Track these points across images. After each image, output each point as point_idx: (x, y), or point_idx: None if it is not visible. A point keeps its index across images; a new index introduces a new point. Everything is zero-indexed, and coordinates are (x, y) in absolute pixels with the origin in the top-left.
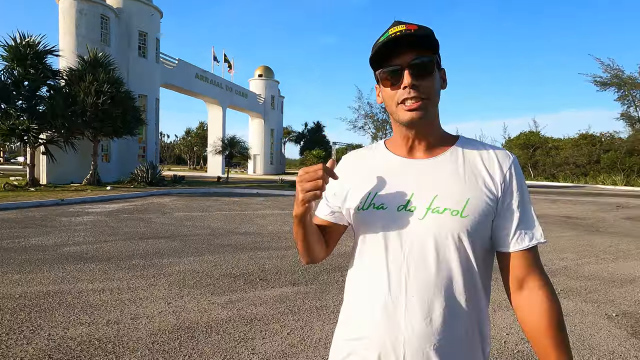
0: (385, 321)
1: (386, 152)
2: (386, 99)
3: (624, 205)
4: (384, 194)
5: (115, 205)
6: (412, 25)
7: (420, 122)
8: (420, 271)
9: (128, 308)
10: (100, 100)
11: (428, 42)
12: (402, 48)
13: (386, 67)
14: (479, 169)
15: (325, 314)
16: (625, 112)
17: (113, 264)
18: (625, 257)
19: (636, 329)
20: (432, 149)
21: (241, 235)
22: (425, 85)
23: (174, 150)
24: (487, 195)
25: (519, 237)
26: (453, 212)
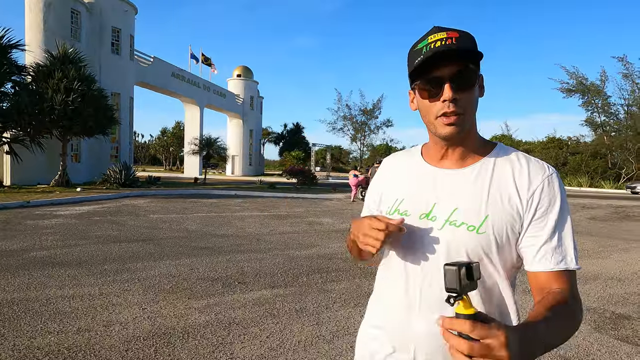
0: (401, 319)
1: (419, 159)
2: (423, 109)
3: (588, 206)
4: (409, 201)
5: (86, 207)
6: (453, 33)
7: (457, 136)
8: (435, 278)
9: (100, 315)
10: (70, 98)
11: (470, 54)
12: (443, 60)
13: (426, 79)
14: (507, 183)
15: (304, 317)
16: (589, 118)
17: (84, 269)
18: (589, 256)
19: (599, 324)
20: (464, 158)
21: (219, 237)
22: (465, 99)
23: (149, 151)
24: (510, 214)
25: (544, 257)
26: (470, 227)
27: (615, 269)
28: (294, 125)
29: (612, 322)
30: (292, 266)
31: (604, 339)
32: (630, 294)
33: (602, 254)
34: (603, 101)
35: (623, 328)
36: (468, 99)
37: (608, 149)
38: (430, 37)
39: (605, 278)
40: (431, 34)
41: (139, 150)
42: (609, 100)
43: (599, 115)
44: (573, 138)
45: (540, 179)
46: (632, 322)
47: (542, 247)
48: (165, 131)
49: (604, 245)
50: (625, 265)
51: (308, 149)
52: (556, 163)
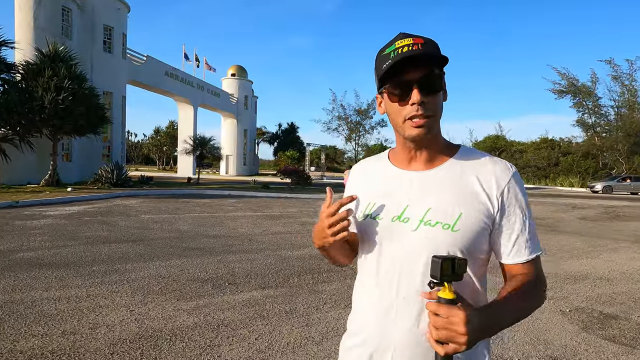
0: (378, 324)
1: (387, 163)
2: (392, 113)
3: (579, 205)
4: (380, 205)
5: (76, 207)
6: (418, 39)
7: (425, 138)
8: (411, 279)
9: (86, 317)
10: (60, 97)
11: (436, 59)
12: (410, 65)
13: (394, 83)
14: (475, 182)
15: (294, 318)
16: (580, 119)
17: (72, 270)
18: (579, 255)
19: (587, 324)
20: (432, 160)
21: (211, 238)
22: (432, 102)
23: (142, 150)
24: (481, 211)
25: (518, 251)
26: (445, 225)
27: (604, 269)
28: (289, 125)
29: (599, 322)
30: (283, 267)
31: (592, 338)
32: (618, 293)
33: (592, 254)
34: (594, 102)
35: (610, 328)
36: (435, 102)
37: (599, 150)
38: (397, 43)
39: (594, 278)
40: (397, 39)
41: (132, 150)
42: (599, 101)
43: (589, 117)
44: (565, 139)
45: (507, 177)
46: (619, 321)
47: (516, 241)
48: (159, 130)
49: (594, 245)
50: (614, 265)
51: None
52: (548, 163)
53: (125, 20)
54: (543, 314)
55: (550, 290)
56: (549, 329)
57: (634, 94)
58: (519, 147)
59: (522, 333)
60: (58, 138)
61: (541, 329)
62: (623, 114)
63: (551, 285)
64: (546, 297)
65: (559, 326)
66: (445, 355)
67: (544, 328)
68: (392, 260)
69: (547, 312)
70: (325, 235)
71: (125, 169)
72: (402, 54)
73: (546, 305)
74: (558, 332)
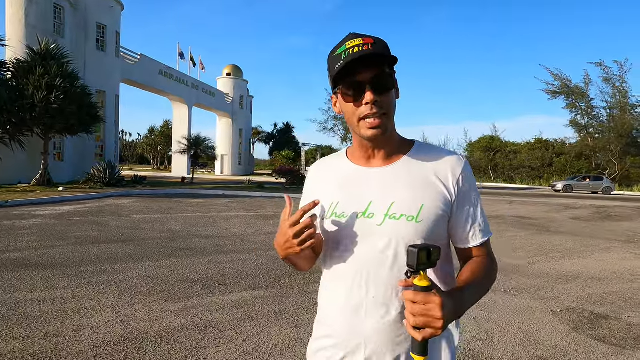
0: (349, 321)
1: (347, 162)
2: (347, 113)
3: (571, 206)
4: (344, 203)
5: (67, 207)
6: (368, 39)
7: (381, 137)
8: (379, 274)
9: (71, 319)
10: (52, 95)
11: (386, 59)
12: (362, 65)
13: (347, 84)
14: (432, 175)
15: (283, 319)
16: (573, 120)
17: (58, 271)
18: (570, 255)
19: (577, 324)
20: (389, 156)
21: (203, 238)
22: (385, 101)
23: (137, 150)
24: (440, 200)
25: (474, 235)
26: (409, 217)
27: (595, 269)
28: (284, 124)
29: (590, 322)
30: (274, 267)
31: (581, 339)
32: (608, 293)
33: (584, 254)
34: (587, 103)
35: (600, 328)
36: (387, 101)
37: (592, 151)
38: (348, 44)
39: (585, 278)
40: (348, 40)
41: (127, 149)
42: (592, 102)
43: (582, 118)
44: (559, 140)
45: (461, 168)
46: (609, 321)
47: (471, 226)
48: (154, 130)
49: (586, 245)
50: (606, 265)
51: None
52: (542, 164)
53: (118, 19)
54: (534, 315)
55: (541, 290)
56: (539, 329)
57: (624, 96)
58: (514, 148)
59: (513, 334)
60: (49, 137)
61: (532, 330)
62: (615, 115)
63: (543, 285)
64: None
65: (550, 326)
66: (422, 340)
67: (535, 328)
68: (360, 257)
69: (538, 313)
70: (290, 246)
71: (118, 169)
72: (353, 54)
73: (537, 305)
74: (549, 333)
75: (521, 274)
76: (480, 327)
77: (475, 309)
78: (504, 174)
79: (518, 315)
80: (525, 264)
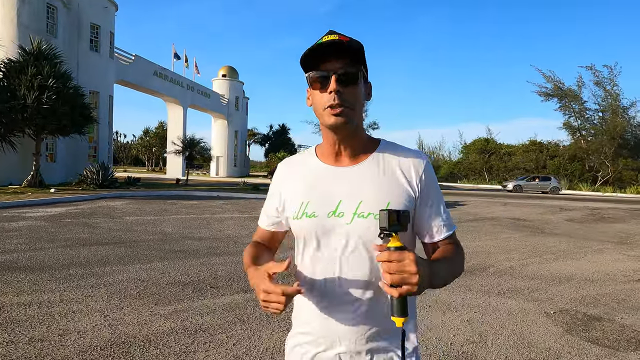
0: (323, 317)
1: (316, 160)
2: (314, 102)
3: (565, 207)
4: (314, 202)
5: (59, 209)
6: (344, 37)
7: (344, 126)
8: (350, 271)
9: (57, 323)
10: (44, 96)
11: (356, 54)
12: (331, 56)
13: (316, 72)
14: (397, 173)
15: (275, 322)
16: (566, 122)
17: (46, 273)
18: (564, 257)
19: (570, 326)
20: (356, 156)
21: (196, 240)
22: (350, 93)
23: (131, 151)
24: (405, 197)
25: (438, 230)
26: (376, 216)
27: (589, 270)
28: (280, 126)
29: (583, 324)
30: None
31: (575, 341)
32: (602, 295)
33: (577, 255)
34: (580, 106)
35: (594, 330)
36: (353, 94)
37: (585, 153)
38: (325, 38)
39: (579, 279)
40: (325, 35)
41: (121, 151)
42: (585, 105)
43: (575, 120)
44: (552, 142)
45: (423, 166)
46: (602, 323)
47: (435, 222)
48: (148, 131)
49: (580, 246)
50: (599, 266)
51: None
52: (536, 166)
53: (112, 19)
54: (527, 316)
55: (535, 291)
56: (533, 331)
57: (616, 98)
58: (508, 150)
59: (506, 336)
60: (41, 138)
61: (525, 331)
62: (607, 118)
63: (536, 287)
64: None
65: (543, 328)
66: (399, 296)
67: (528, 330)
68: (331, 254)
69: (532, 314)
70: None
71: (112, 170)
72: (323, 42)
73: (531, 307)
74: (542, 335)
75: (515, 276)
76: (474, 329)
77: (468, 311)
78: (499, 175)
79: (511, 317)
80: (519, 265)
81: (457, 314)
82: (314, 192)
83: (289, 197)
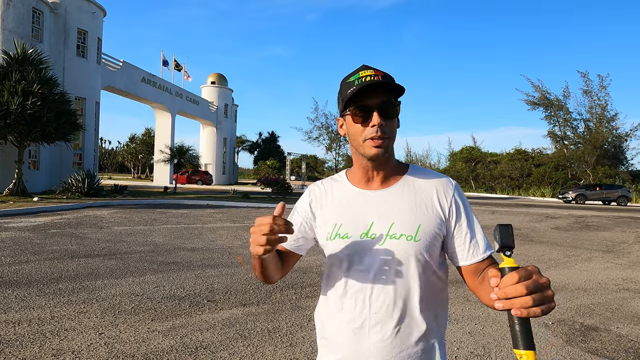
0: (353, 338)
1: (347, 184)
2: (353, 134)
3: (551, 215)
4: (347, 224)
5: (43, 218)
6: (379, 72)
7: (382, 157)
8: (381, 291)
9: (50, 342)
10: (28, 102)
11: (395, 89)
12: (373, 92)
13: (358, 107)
14: (428, 197)
15: (277, 337)
16: (551, 131)
17: (35, 288)
18: (556, 266)
19: (570, 337)
20: (387, 180)
21: (188, 251)
22: (390, 126)
23: (117, 158)
24: (435, 220)
25: (475, 250)
26: (408, 237)
27: (580, 279)
28: (269, 133)
29: (581, 335)
30: None
31: (576, 352)
32: (596, 304)
33: (568, 264)
34: (565, 114)
35: (592, 340)
36: (392, 127)
37: (567, 161)
38: (361, 73)
39: (572, 289)
40: (361, 70)
41: (106, 158)
42: (571, 115)
43: (560, 129)
44: (537, 150)
45: (453, 189)
46: (599, 333)
47: (470, 243)
48: (135, 138)
49: (569, 255)
50: (590, 275)
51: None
52: (521, 174)
53: (100, 25)
54: None
55: None
56: (534, 342)
57: (604, 108)
58: (494, 159)
59: (509, 348)
60: (25, 145)
61: None
62: (591, 128)
63: None
64: None
65: (544, 339)
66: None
67: None
68: (363, 275)
69: (532, 325)
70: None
71: (98, 178)
72: (366, 82)
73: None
74: (544, 346)
75: None
76: (477, 341)
77: (469, 323)
78: (485, 184)
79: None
80: None
81: (458, 326)
82: (346, 214)
83: (322, 218)
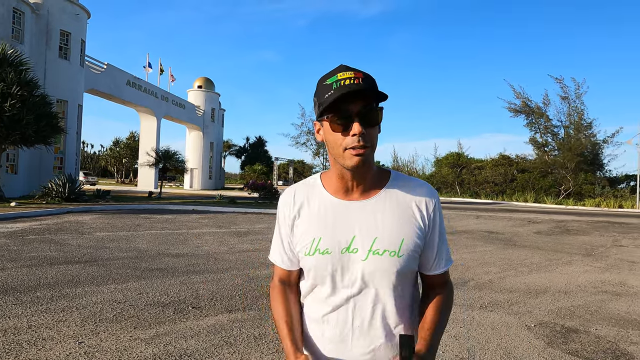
0: (336, 352)
1: (325, 193)
2: (332, 142)
3: (534, 220)
4: (327, 239)
5: (21, 224)
6: (359, 73)
7: (363, 167)
8: (363, 306)
9: (26, 352)
10: (7, 104)
11: (376, 94)
12: (353, 97)
13: (337, 115)
14: (410, 208)
15: (264, 344)
16: (532, 137)
17: (11, 297)
18: (538, 269)
19: (551, 339)
20: (367, 190)
21: (173, 257)
22: (371, 134)
23: (100, 162)
24: (417, 234)
25: (438, 263)
26: (391, 253)
27: (561, 282)
28: (257, 138)
29: (562, 337)
30: (251, 287)
31: (557, 354)
32: (576, 307)
33: (549, 268)
34: (546, 121)
35: (572, 342)
36: (373, 135)
37: (549, 167)
38: (339, 75)
39: (553, 291)
40: (339, 71)
41: (88, 162)
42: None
43: (541, 136)
44: (520, 155)
45: (434, 199)
46: (579, 335)
47: (436, 255)
48: (118, 142)
49: (550, 258)
50: (570, 278)
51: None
52: (505, 179)
53: (84, 26)
54: (510, 330)
55: (514, 304)
56: (517, 345)
57: (581, 117)
58: (478, 164)
59: (493, 351)
60: (3, 148)
61: (510, 346)
62: (570, 135)
63: (515, 300)
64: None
65: (526, 342)
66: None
67: (512, 344)
68: (346, 291)
69: (514, 328)
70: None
71: (79, 182)
72: (345, 86)
73: (512, 320)
74: (526, 349)
75: (494, 289)
76: (461, 345)
77: (454, 326)
78: (470, 189)
79: (495, 331)
80: (497, 278)
81: (445, 334)
82: (326, 227)
83: (300, 230)
